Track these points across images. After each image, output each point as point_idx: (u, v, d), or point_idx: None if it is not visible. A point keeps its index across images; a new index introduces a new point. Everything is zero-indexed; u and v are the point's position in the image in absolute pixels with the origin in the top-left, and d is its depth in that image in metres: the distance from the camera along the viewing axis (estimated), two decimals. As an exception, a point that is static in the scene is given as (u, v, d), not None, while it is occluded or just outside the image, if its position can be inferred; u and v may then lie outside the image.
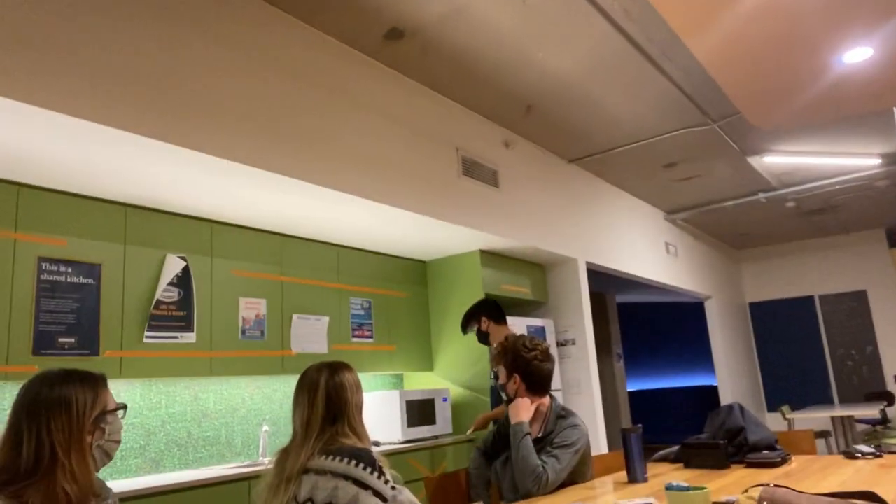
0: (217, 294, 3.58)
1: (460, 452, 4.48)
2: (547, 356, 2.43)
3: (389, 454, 3.95)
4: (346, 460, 1.80)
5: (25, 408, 1.36)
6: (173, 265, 3.37)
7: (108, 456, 1.45)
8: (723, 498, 1.69)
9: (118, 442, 1.47)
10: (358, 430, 1.92)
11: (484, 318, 4.08)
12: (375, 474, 1.79)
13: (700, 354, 10.16)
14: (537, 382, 2.40)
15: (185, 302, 3.39)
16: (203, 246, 3.57)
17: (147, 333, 3.20)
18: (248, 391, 3.95)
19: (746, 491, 1.38)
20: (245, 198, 3.37)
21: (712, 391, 8.77)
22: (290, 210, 3.63)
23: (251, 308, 3.73)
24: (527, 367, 2.39)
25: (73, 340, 2.92)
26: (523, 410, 2.33)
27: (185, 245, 3.48)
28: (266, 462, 3.45)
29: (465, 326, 4.17)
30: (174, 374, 3.29)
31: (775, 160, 5.97)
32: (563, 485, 2.25)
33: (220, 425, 3.75)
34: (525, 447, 2.21)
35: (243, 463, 3.69)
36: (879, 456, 2.49)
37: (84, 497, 1.33)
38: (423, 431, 4.38)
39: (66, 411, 1.36)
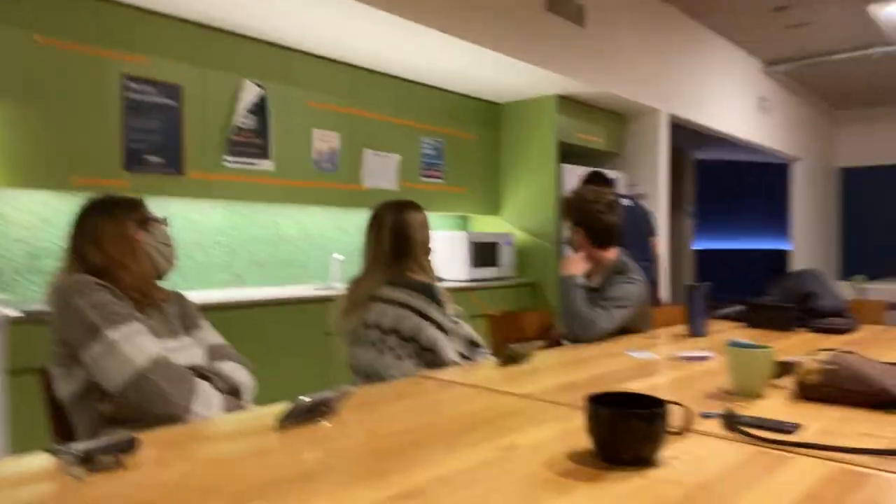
0: (293, 124, 3.61)
1: (522, 294, 4.63)
2: (611, 208, 2.36)
3: (453, 290, 4.13)
4: (409, 292, 1.90)
5: (79, 228, 1.52)
6: (251, 91, 3.39)
7: (166, 259, 1.58)
8: (787, 358, 1.70)
9: (169, 245, 1.59)
10: (424, 266, 2.01)
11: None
12: (435, 307, 1.88)
13: (777, 218, 9.80)
14: (600, 235, 2.36)
15: (262, 130, 3.45)
16: (279, 74, 3.55)
17: (227, 158, 3.31)
18: (321, 220, 4.12)
19: (813, 354, 1.38)
20: (322, 26, 3.27)
21: (784, 256, 8.57)
22: (366, 41, 3.52)
23: (324, 140, 3.77)
24: (589, 219, 2.35)
25: (160, 159, 3.06)
26: (573, 264, 2.32)
27: (261, 72, 3.46)
28: (337, 287, 3.67)
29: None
30: (253, 198, 3.44)
31: (904, 8, 5.26)
32: (624, 332, 2.30)
33: (296, 249, 3.97)
34: (573, 297, 2.18)
35: (317, 285, 3.94)
36: (955, 333, 2.42)
37: (145, 287, 1.51)
38: (487, 272, 4.52)
39: (111, 220, 1.50)
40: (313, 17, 3.16)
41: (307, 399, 1.15)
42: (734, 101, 6.45)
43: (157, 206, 3.21)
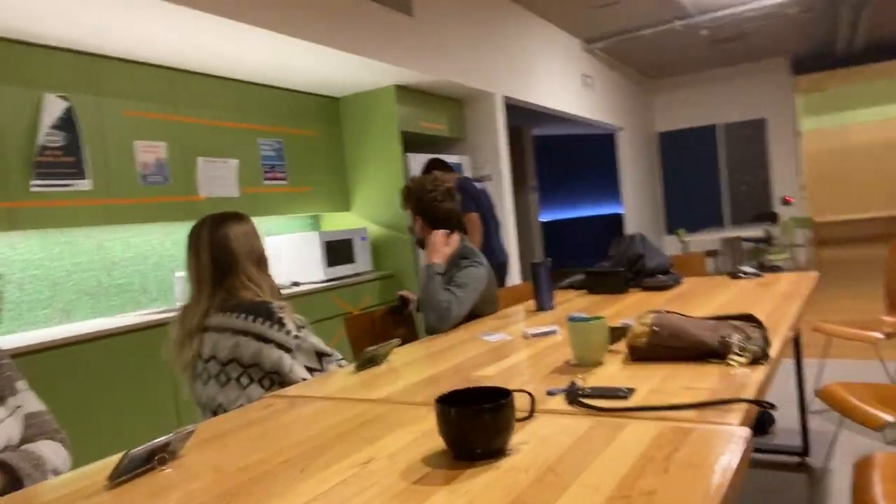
0: (110, 137, 3.30)
1: (384, 288, 4.63)
2: (448, 195, 2.43)
3: (311, 293, 4.03)
4: (242, 316, 1.76)
5: None
6: (54, 106, 3.05)
7: None
8: (619, 322, 1.83)
9: None
10: (256, 280, 1.85)
11: (435, 172, 4.23)
12: (275, 327, 1.75)
13: (609, 184, 10.59)
14: (439, 222, 2.41)
15: (74, 146, 3.12)
16: (87, 84, 3.22)
17: (34, 181, 2.96)
18: (157, 238, 3.83)
19: (641, 316, 1.49)
20: (127, 28, 3.00)
21: (619, 219, 9.28)
22: (181, 42, 3.28)
23: (149, 151, 3.49)
24: (428, 206, 2.40)
25: (-52, 192, 2.67)
26: (439, 249, 2.35)
27: (65, 83, 3.12)
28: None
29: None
30: (69, 223, 3.11)
31: (694, -14, 5.84)
32: (471, 317, 2.36)
33: (132, 272, 3.66)
34: (432, 285, 2.23)
35: (159, 308, 3.67)
36: (760, 276, 2.75)
37: None
38: (344, 270, 4.46)
39: None
40: (116, 20, 2.89)
41: (140, 448, 1.05)
42: (561, 80, 6.83)
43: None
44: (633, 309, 2.23)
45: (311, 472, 1.00)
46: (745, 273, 2.77)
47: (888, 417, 1.79)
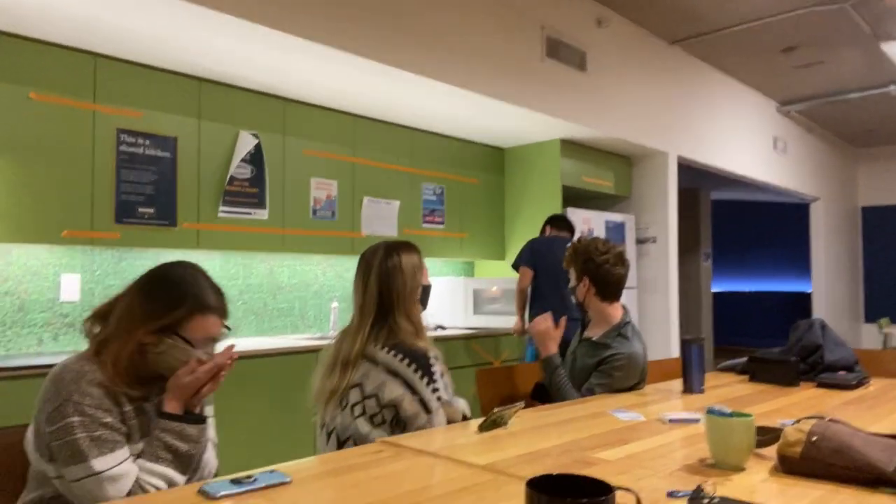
0: (289, 173, 3.61)
1: (526, 342, 4.52)
2: (620, 260, 2.29)
3: (454, 339, 4.04)
4: (399, 356, 1.75)
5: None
6: (246, 141, 3.40)
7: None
8: (777, 422, 1.58)
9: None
10: (413, 319, 1.85)
11: (547, 227, 4.20)
12: (425, 380, 1.73)
13: (797, 259, 9.58)
14: (608, 287, 2.29)
15: (258, 179, 3.45)
16: (275, 124, 3.57)
17: (222, 208, 3.30)
18: (320, 268, 4.08)
19: (799, 421, 1.27)
20: (318, 76, 3.30)
21: (805, 298, 8.33)
22: (362, 90, 3.53)
23: (322, 188, 3.76)
24: (597, 270, 2.27)
25: (152, 211, 3.06)
26: (549, 341, 2.25)
27: (257, 122, 3.49)
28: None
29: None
30: (247, 247, 3.42)
31: (916, 46, 5.17)
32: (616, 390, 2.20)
33: (293, 298, 3.93)
34: (559, 382, 2.18)
35: (314, 335, 3.88)
36: (975, 388, 2.26)
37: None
38: (490, 320, 4.42)
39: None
40: (311, 69, 3.19)
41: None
42: (747, 142, 6.35)
43: (148, 257, 3.22)
44: (799, 408, 1.93)
45: (388, 535, 0.94)
46: (955, 382, 2.29)
47: None
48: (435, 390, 1.74)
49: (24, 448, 1.34)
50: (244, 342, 3.40)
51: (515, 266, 4.10)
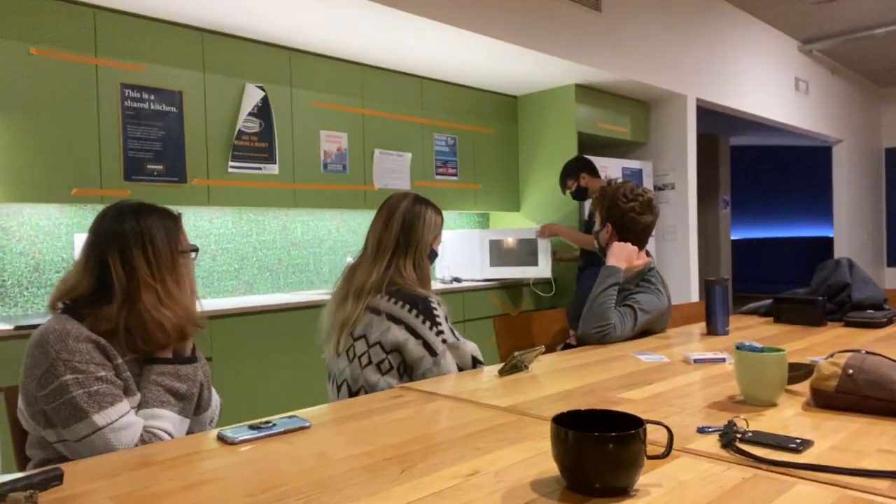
0: (298, 126, 3.54)
1: (545, 293, 4.48)
2: (648, 208, 2.19)
3: (471, 290, 4.01)
4: (400, 303, 1.75)
5: (105, 237, 1.33)
6: (253, 94, 3.33)
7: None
8: (807, 359, 1.53)
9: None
10: (422, 269, 1.85)
11: (584, 175, 4.06)
12: (428, 324, 1.73)
13: (818, 204, 9.40)
14: (631, 235, 2.19)
15: (267, 133, 3.39)
16: (282, 75, 3.48)
17: (231, 163, 3.25)
18: (333, 223, 4.04)
19: (832, 355, 1.22)
20: (326, 25, 3.19)
21: (827, 243, 8.19)
22: (370, 38, 3.42)
23: (332, 141, 3.68)
24: (622, 217, 2.19)
25: (161, 167, 3.02)
26: (623, 255, 2.13)
27: (263, 74, 3.40)
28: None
29: (563, 183, 4.16)
30: (259, 203, 3.38)
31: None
32: (638, 335, 2.14)
33: (307, 254, 3.90)
34: (607, 295, 2.05)
35: (330, 290, 3.86)
36: None
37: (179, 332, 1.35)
38: (506, 272, 4.38)
39: (152, 244, 1.34)
40: (316, 17, 3.08)
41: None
42: (769, 83, 6.15)
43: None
44: (828, 346, 1.88)
45: (411, 475, 0.92)
46: None
47: None
48: (439, 332, 1.75)
49: (19, 418, 1.31)
50: (260, 298, 3.39)
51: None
